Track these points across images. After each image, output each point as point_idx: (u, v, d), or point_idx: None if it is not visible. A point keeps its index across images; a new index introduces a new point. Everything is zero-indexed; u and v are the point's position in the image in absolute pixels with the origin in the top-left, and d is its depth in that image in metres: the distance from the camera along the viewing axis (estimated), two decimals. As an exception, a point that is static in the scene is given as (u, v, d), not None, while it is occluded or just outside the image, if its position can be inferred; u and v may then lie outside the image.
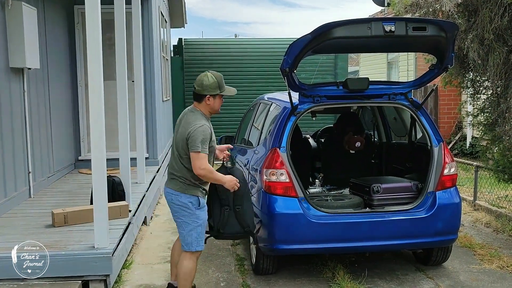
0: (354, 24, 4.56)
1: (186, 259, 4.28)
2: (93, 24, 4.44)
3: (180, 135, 4.19)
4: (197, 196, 4.20)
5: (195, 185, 4.20)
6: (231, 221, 4.40)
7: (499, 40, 5.82)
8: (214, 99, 4.26)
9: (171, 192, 4.25)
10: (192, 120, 4.18)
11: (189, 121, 4.18)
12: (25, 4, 6.18)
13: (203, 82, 4.22)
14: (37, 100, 7.00)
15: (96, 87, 4.50)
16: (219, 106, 4.35)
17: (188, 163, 4.15)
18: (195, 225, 4.19)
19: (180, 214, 4.22)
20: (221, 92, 4.27)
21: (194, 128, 4.09)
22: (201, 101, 4.26)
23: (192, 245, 4.23)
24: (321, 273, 5.19)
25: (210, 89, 4.21)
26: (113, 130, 6.93)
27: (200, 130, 4.08)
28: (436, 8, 6.34)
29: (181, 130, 4.22)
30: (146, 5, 8.76)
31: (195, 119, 4.17)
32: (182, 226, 4.23)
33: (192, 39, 13.63)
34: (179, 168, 4.21)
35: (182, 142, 4.16)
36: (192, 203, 4.18)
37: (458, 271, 5.24)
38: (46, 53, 7.37)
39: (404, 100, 5.32)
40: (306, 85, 5.26)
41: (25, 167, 6.52)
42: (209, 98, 4.23)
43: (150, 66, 8.90)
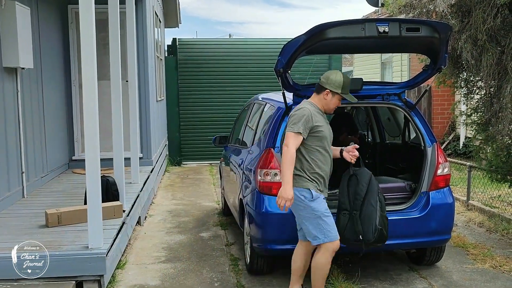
0: (348, 25, 4.57)
1: (319, 254, 4.21)
2: (87, 23, 4.43)
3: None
4: (308, 189, 4.17)
5: (307, 179, 4.19)
6: (348, 227, 4.34)
7: (492, 41, 5.86)
8: (332, 97, 4.32)
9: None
10: (298, 106, 4.30)
11: (295, 108, 4.29)
12: (18, 3, 6.16)
13: (329, 76, 4.32)
14: (30, 100, 6.98)
15: (90, 87, 4.49)
16: (334, 106, 4.39)
17: (301, 152, 4.19)
18: (313, 217, 4.15)
19: (297, 208, 4.22)
20: (342, 93, 4.31)
21: (295, 110, 4.23)
22: (319, 93, 4.34)
23: (319, 237, 4.16)
24: (315, 273, 5.20)
25: (332, 85, 4.28)
26: (107, 130, 6.91)
27: (297, 113, 4.18)
28: (430, 8, 6.36)
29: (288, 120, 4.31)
30: (140, 4, 8.75)
31: (300, 105, 4.30)
32: (302, 221, 4.23)
33: (186, 39, 13.61)
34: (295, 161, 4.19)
35: None
36: (305, 196, 4.16)
37: (451, 271, 5.26)
38: (40, 52, 7.35)
39: (398, 101, 5.34)
40: (300, 86, 5.26)
41: (19, 167, 6.49)
42: (328, 94, 4.31)
43: (144, 66, 8.89)
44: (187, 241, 6.38)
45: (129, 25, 7.14)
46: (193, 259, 5.69)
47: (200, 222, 7.35)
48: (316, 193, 4.20)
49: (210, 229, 6.97)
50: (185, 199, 8.97)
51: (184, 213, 7.90)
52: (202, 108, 13.11)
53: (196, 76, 13.07)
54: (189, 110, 13.10)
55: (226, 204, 7.31)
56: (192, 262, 5.61)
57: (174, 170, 12.25)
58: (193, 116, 13.12)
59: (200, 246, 6.20)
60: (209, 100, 13.09)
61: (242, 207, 5.46)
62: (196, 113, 13.11)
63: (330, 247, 4.19)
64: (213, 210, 8.10)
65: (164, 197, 9.11)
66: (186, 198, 9.01)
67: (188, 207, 8.32)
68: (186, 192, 9.59)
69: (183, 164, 13.03)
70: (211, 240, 6.44)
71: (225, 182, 7.25)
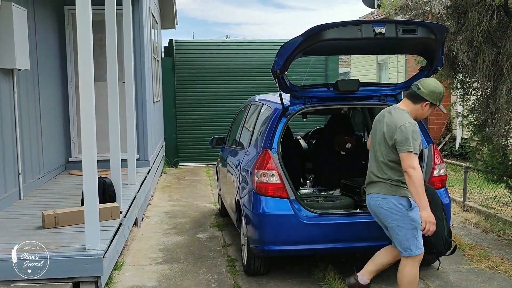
0: (345, 26, 4.59)
1: (408, 266, 4.12)
2: (84, 25, 4.44)
3: (387, 134, 4.07)
4: (407, 197, 4.06)
5: (405, 187, 4.06)
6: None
7: (488, 42, 5.88)
8: (429, 108, 4.17)
9: (377, 196, 4.13)
10: (400, 118, 4.06)
11: (397, 119, 4.06)
12: (15, 4, 6.15)
13: (432, 88, 4.11)
14: (27, 101, 6.97)
15: (87, 88, 4.49)
16: (425, 116, 4.29)
17: (394, 163, 4.06)
18: (410, 227, 4.04)
19: (391, 218, 4.09)
20: (438, 105, 4.20)
21: (405, 126, 3.97)
22: (417, 103, 4.15)
23: (411, 249, 4.07)
24: (312, 274, 5.21)
25: (435, 98, 4.12)
26: (103, 131, 6.90)
27: (410, 129, 3.96)
28: (426, 10, 6.37)
29: (386, 129, 4.08)
30: (137, 6, 8.75)
31: (403, 118, 4.05)
32: (395, 230, 4.09)
33: (183, 40, 13.60)
34: (384, 169, 4.11)
35: (388, 141, 4.06)
36: (403, 205, 4.06)
37: (447, 271, 5.27)
38: (36, 54, 7.34)
39: (394, 102, 5.36)
40: (297, 87, 5.28)
41: (15, 168, 6.48)
42: (427, 105, 4.14)
43: (141, 67, 8.89)
44: (184, 242, 6.38)
45: (125, 26, 7.14)
46: (190, 260, 5.69)
47: (197, 223, 7.35)
48: (414, 202, 4.05)
49: (207, 230, 6.97)
50: (182, 200, 8.96)
51: (181, 214, 7.90)
52: (199, 109, 13.11)
53: (192, 77, 13.07)
54: (186, 111, 13.10)
55: (223, 205, 7.31)
56: (189, 263, 5.61)
57: (171, 171, 12.24)
58: (190, 117, 13.12)
59: (197, 247, 6.20)
60: (206, 101, 13.10)
61: (239, 208, 5.47)
62: (193, 114, 13.11)
63: (418, 259, 4.15)
64: (210, 211, 8.10)
65: (161, 198, 9.11)
66: (183, 199, 9.01)
67: (185, 208, 8.32)
68: (183, 193, 9.59)
69: (180, 165, 13.02)
70: (208, 241, 6.45)
71: (222, 183, 7.26)
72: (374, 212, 4.27)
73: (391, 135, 4.04)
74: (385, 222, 4.18)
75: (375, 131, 4.25)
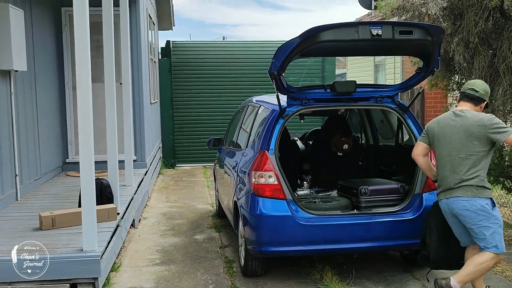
0: (342, 28, 4.60)
1: (489, 259, 4.15)
2: (81, 26, 4.44)
3: (467, 133, 4.16)
4: (490, 198, 4.18)
5: (488, 187, 4.19)
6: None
7: (484, 44, 5.91)
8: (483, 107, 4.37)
9: (463, 199, 4.16)
10: (475, 115, 4.21)
11: (477, 115, 4.20)
12: (12, 6, 6.15)
13: (486, 88, 4.34)
14: (24, 102, 6.96)
15: (84, 89, 4.49)
16: None
17: (483, 161, 4.15)
18: (496, 226, 4.14)
19: (477, 219, 4.14)
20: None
21: (489, 117, 4.16)
22: (477, 105, 4.31)
23: (498, 247, 4.14)
24: (309, 275, 5.22)
25: (488, 97, 4.36)
26: (101, 133, 6.91)
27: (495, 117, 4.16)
28: (422, 11, 6.40)
29: (468, 128, 4.16)
30: (134, 7, 8.75)
31: (477, 114, 4.22)
32: (482, 231, 4.14)
33: (180, 42, 13.61)
34: (470, 170, 4.15)
35: (473, 139, 4.14)
36: (488, 205, 4.15)
37: (445, 272, 5.27)
38: (33, 55, 7.33)
39: (391, 103, 5.38)
40: (294, 88, 5.29)
41: (12, 170, 6.47)
42: (484, 104, 4.34)
43: (138, 69, 8.90)
44: (181, 244, 6.38)
45: (123, 27, 7.14)
46: (187, 262, 5.70)
47: (194, 224, 7.35)
48: (494, 201, 4.23)
49: (205, 231, 6.97)
50: (179, 201, 8.96)
51: (178, 215, 7.90)
52: (196, 111, 13.11)
53: (190, 79, 13.07)
54: (183, 112, 13.10)
55: (220, 207, 7.32)
56: (186, 264, 5.61)
57: (168, 173, 12.24)
58: (187, 119, 13.12)
59: (194, 248, 6.20)
60: (203, 102, 13.10)
61: (236, 209, 5.47)
62: (190, 115, 13.12)
63: (501, 257, 4.28)
64: (207, 212, 8.10)
65: (158, 200, 9.11)
66: (180, 201, 9.01)
67: (182, 209, 8.32)
68: (180, 194, 9.59)
69: (177, 167, 13.02)
70: (205, 242, 6.45)
71: (219, 184, 7.26)
72: (456, 215, 4.26)
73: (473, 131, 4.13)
74: (469, 224, 4.20)
75: (448, 136, 4.27)
